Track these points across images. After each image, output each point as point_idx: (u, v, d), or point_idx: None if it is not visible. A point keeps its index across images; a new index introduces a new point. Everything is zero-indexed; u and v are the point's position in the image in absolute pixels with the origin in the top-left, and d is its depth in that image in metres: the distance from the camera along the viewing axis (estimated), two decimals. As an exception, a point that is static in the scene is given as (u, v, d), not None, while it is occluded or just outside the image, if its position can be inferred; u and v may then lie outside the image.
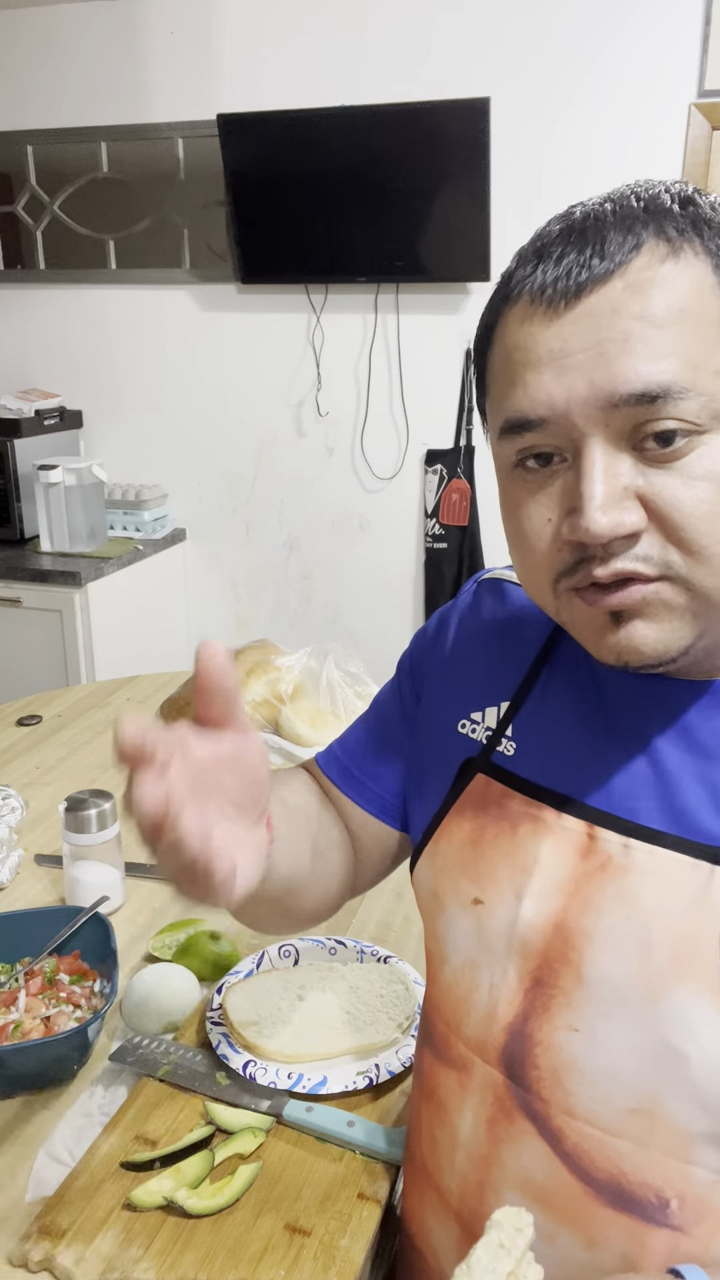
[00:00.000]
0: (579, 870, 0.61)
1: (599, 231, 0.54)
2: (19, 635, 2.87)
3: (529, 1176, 0.64)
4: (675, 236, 0.53)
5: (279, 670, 1.61)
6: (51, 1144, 0.86)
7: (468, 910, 0.67)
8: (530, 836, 0.64)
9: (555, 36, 2.57)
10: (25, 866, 1.29)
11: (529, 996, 0.63)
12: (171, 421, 3.21)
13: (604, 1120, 0.60)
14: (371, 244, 2.78)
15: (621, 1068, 0.59)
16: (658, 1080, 0.58)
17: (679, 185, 0.56)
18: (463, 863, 0.68)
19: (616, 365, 0.52)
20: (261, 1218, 0.79)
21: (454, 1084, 0.69)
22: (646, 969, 0.58)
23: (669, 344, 0.52)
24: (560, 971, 0.61)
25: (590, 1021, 0.60)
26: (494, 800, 0.67)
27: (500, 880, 0.65)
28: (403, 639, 3.71)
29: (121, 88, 2.96)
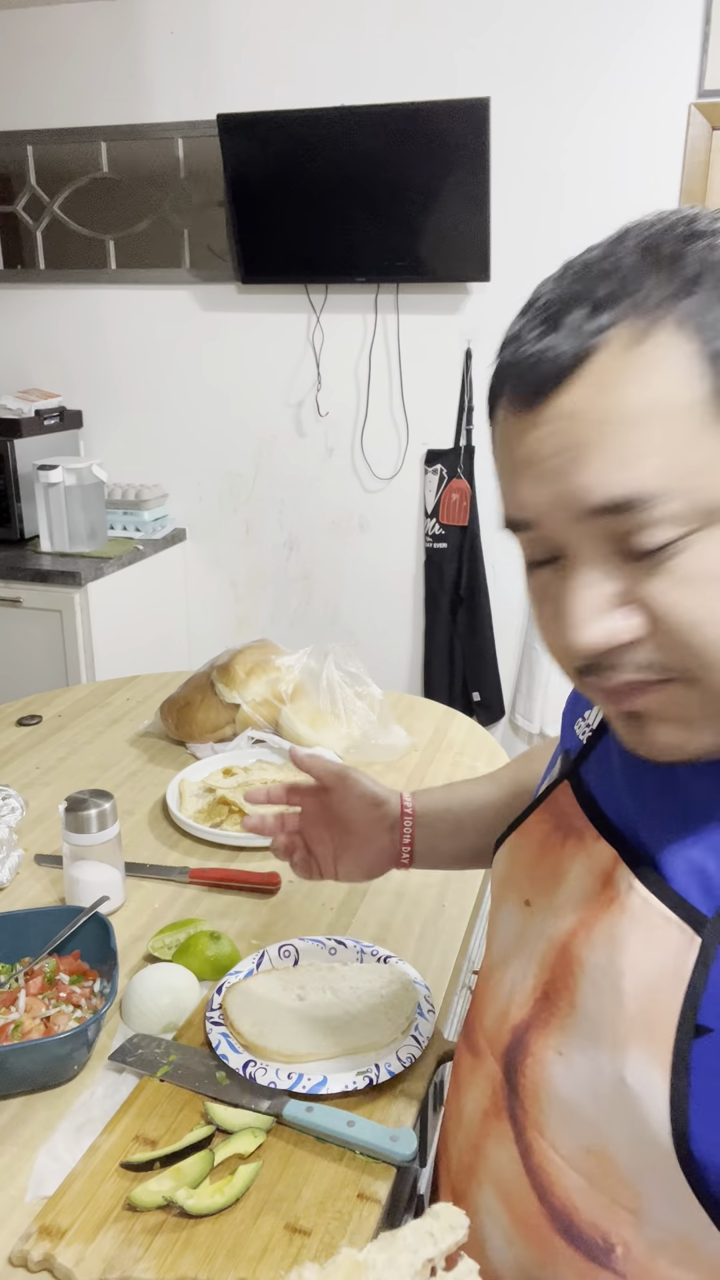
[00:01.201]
0: (594, 898, 0.60)
1: (570, 307, 0.49)
2: (19, 635, 2.87)
3: (502, 1178, 0.65)
4: (653, 308, 0.48)
5: (279, 670, 1.61)
6: (51, 1144, 0.86)
7: (519, 908, 0.68)
8: (573, 852, 0.64)
9: (555, 37, 2.57)
10: (25, 866, 1.29)
11: (537, 1006, 0.64)
12: (171, 421, 3.22)
13: (565, 1149, 0.60)
14: (371, 244, 2.78)
15: (584, 1105, 0.58)
16: (612, 1129, 0.57)
17: (685, 226, 0.50)
18: (529, 862, 0.69)
19: (585, 475, 0.49)
20: (261, 1218, 0.79)
21: (469, 1066, 0.72)
22: (615, 1019, 0.56)
23: (643, 444, 0.47)
24: (561, 993, 0.61)
25: (571, 1051, 0.60)
26: (564, 809, 0.67)
27: (546, 889, 0.65)
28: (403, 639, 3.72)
29: (121, 87, 2.96)
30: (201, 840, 1.35)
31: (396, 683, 3.20)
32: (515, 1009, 0.65)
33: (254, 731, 1.58)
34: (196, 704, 1.60)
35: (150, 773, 1.56)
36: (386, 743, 1.57)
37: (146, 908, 1.21)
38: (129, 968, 1.08)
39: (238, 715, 1.59)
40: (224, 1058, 0.92)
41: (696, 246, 0.49)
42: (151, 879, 1.26)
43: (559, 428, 0.49)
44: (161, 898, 1.23)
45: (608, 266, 0.50)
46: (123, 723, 1.73)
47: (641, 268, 0.49)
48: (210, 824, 1.36)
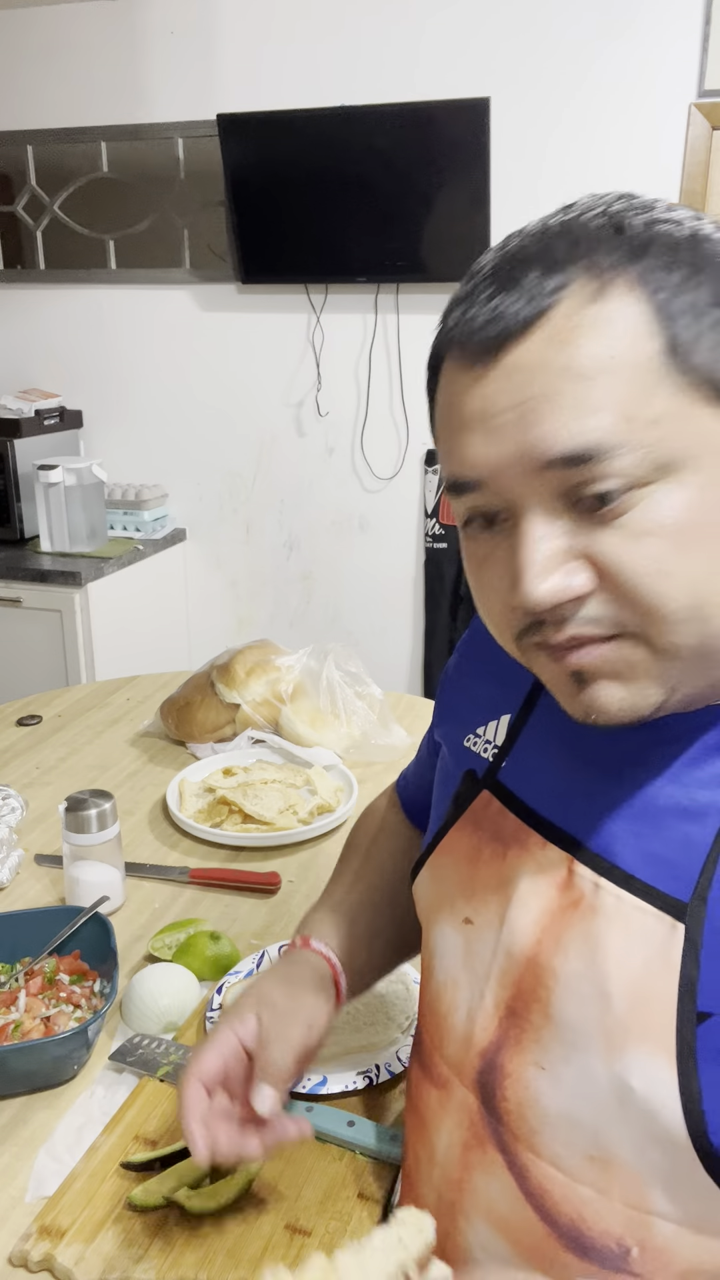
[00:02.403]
0: (555, 904, 0.59)
1: (524, 269, 0.50)
2: (19, 635, 2.87)
3: (496, 1208, 0.62)
4: (606, 269, 0.49)
5: (279, 670, 1.61)
6: (51, 1144, 0.86)
7: (458, 928, 0.66)
8: (517, 861, 0.62)
9: (555, 37, 2.57)
10: (25, 866, 1.29)
11: (503, 1025, 0.61)
12: (171, 421, 3.22)
13: (566, 1164, 0.58)
14: (371, 244, 2.78)
15: (581, 1115, 0.57)
16: (615, 1132, 0.55)
17: (623, 203, 0.52)
18: (459, 879, 0.66)
19: (542, 427, 0.49)
20: (261, 1218, 0.79)
21: (434, 1101, 0.68)
22: (605, 1021, 0.55)
23: (599, 397, 0.48)
24: (532, 1006, 0.59)
25: (555, 1063, 0.58)
26: (492, 818, 0.65)
27: (490, 903, 0.63)
28: (403, 639, 3.72)
29: (121, 88, 2.96)
30: (201, 840, 1.36)
31: (396, 683, 3.20)
32: (479, 1032, 0.63)
33: (254, 731, 1.58)
34: (196, 704, 1.60)
35: (150, 773, 1.56)
36: (386, 743, 1.57)
37: (146, 908, 1.21)
38: (129, 968, 1.08)
39: (238, 715, 1.59)
40: (224, 1058, 0.92)
41: (645, 218, 0.51)
42: (151, 879, 1.27)
43: (514, 382, 0.50)
44: (161, 898, 1.23)
45: (559, 230, 0.51)
46: (123, 723, 1.73)
47: (596, 234, 0.50)
48: (210, 824, 1.36)
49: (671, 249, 0.49)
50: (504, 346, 0.50)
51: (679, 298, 0.49)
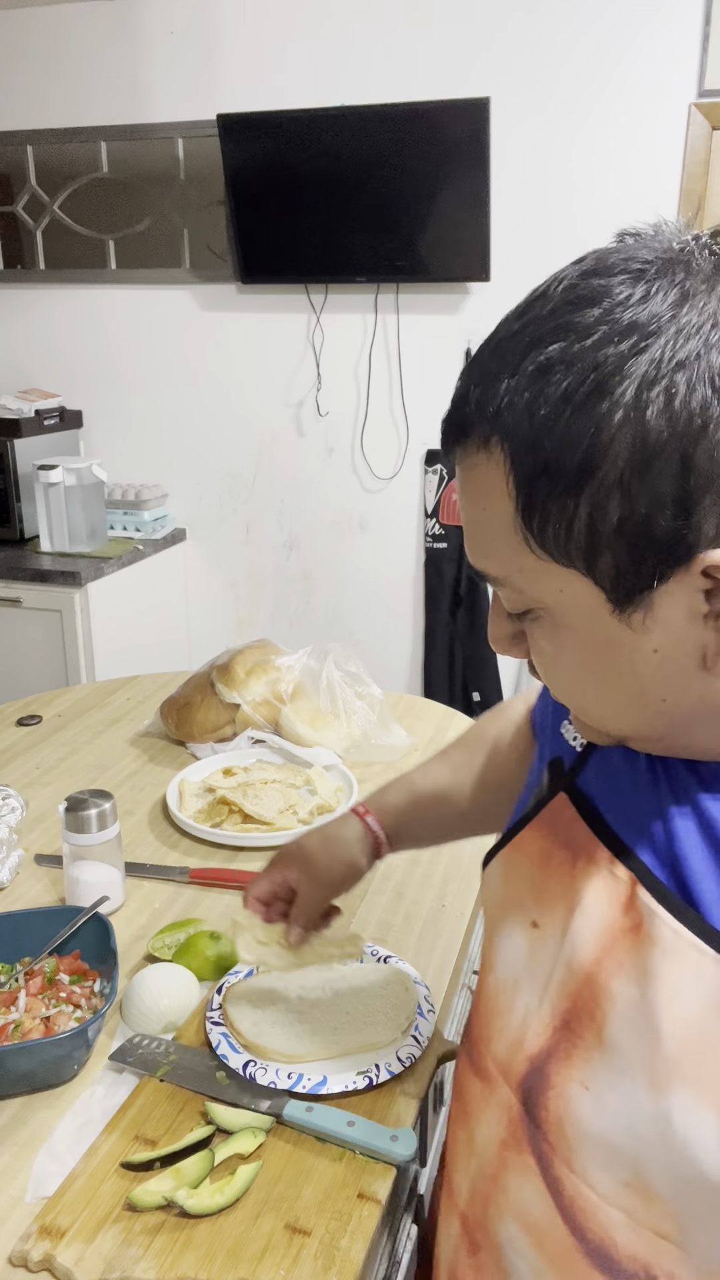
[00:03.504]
0: (617, 925, 0.58)
1: (462, 384, 0.54)
2: (19, 635, 2.87)
3: (527, 1211, 0.63)
4: (490, 419, 0.51)
5: (279, 670, 1.61)
6: (51, 1144, 0.86)
7: (525, 930, 0.66)
8: (584, 873, 0.61)
9: (555, 36, 2.57)
10: (25, 866, 1.29)
11: (556, 1037, 0.61)
12: (171, 421, 3.22)
13: (600, 1186, 0.58)
14: (371, 244, 2.78)
15: (621, 1143, 0.56)
16: (655, 1165, 0.55)
17: (533, 332, 0.50)
18: (529, 881, 0.66)
19: (467, 542, 0.57)
20: (261, 1218, 0.79)
21: (477, 1092, 0.69)
22: (654, 1058, 0.54)
23: (487, 541, 0.54)
24: (586, 1025, 0.59)
25: (600, 1086, 0.57)
26: (566, 824, 0.64)
27: (556, 910, 0.63)
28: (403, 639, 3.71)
29: (121, 88, 2.96)
30: (201, 840, 1.35)
31: (396, 683, 3.20)
32: (532, 1038, 0.63)
33: (254, 731, 1.58)
34: (196, 704, 1.60)
35: (150, 773, 1.56)
36: (386, 743, 1.57)
37: (146, 908, 1.21)
38: (129, 968, 1.08)
39: (238, 715, 1.59)
40: (224, 1058, 0.92)
41: (537, 362, 0.49)
42: (151, 879, 1.26)
43: (459, 488, 0.57)
44: (161, 898, 1.23)
45: (494, 356, 0.52)
46: (123, 723, 1.73)
47: (495, 375, 0.51)
48: (210, 824, 1.36)
49: (529, 414, 0.49)
50: (450, 452, 0.56)
51: (533, 471, 0.50)
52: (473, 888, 1.23)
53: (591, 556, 0.50)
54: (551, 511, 0.50)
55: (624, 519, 0.48)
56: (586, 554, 0.50)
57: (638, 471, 0.47)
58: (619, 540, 0.49)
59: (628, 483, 0.47)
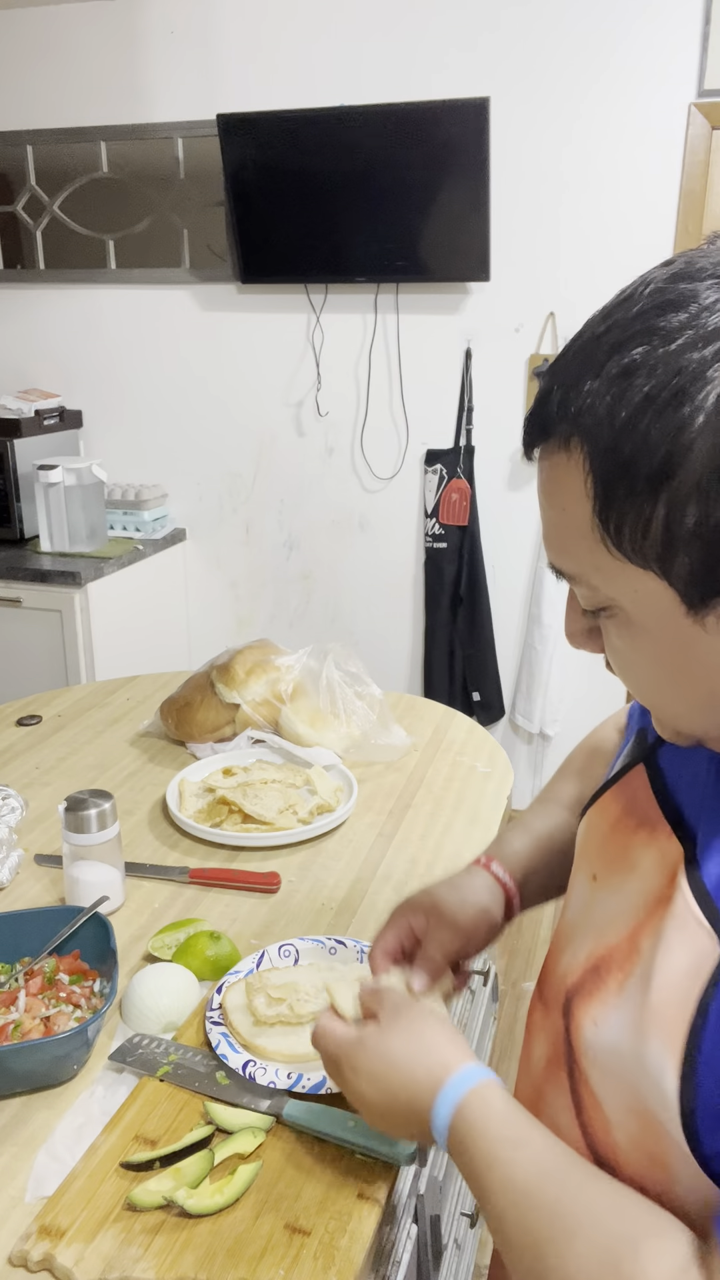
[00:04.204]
0: (659, 893, 0.61)
1: (546, 385, 0.55)
2: (19, 635, 2.87)
3: (558, 1121, 0.68)
4: (573, 419, 0.52)
5: (279, 670, 1.61)
6: (51, 1144, 0.86)
7: (587, 882, 0.71)
8: (644, 842, 0.65)
9: (555, 37, 2.58)
10: (25, 866, 1.29)
11: (585, 976, 0.66)
12: (171, 421, 3.22)
13: (609, 1108, 0.63)
14: (371, 244, 2.78)
15: (621, 1075, 0.61)
16: (647, 1105, 0.59)
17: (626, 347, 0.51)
18: (599, 839, 0.71)
19: (545, 539, 0.59)
20: (261, 1218, 0.79)
21: (540, 1015, 0.75)
22: (643, 1006, 0.58)
23: (563, 539, 0.56)
24: (614, 974, 0.63)
25: (605, 1025, 0.62)
26: (636, 793, 0.68)
27: (615, 869, 0.67)
28: (402, 639, 3.71)
29: (121, 88, 2.96)
30: (201, 840, 1.36)
31: (396, 683, 3.20)
32: (572, 976, 0.68)
33: (254, 731, 1.58)
34: (196, 704, 1.60)
35: (150, 773, 1.56)
36: (386, 743, 1.57)
37: (146, 908, 1.21)
38: (129, 968, 1.08)
39: (238, 715, 1.59)
40: (224, 1058, 0.92)
41: (620, 365, 0.51)
42: (151, 879, 1.26)
43: (539, 485, 0.59)
44: (161, 898, 1.23)
45: (579, 357, 0.54)
46: (123, 723, 1.73)
47: (578, 376, 0.53)
48: (210, 824, 1.36)
49: (610, 416, 0.51)
50: (531, 453, 0.58)
51: (612, 472, 0.51)
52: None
53: (667, 559, 0.51)
54: (629, 513, 0.51)
55: (700, 523, 0.49)
56: (662, 556, 0.51)
57: (716, 476, 0.48)
58: (695, 543, 0.50)
59: (705, 487, 0.48)
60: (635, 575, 0.53)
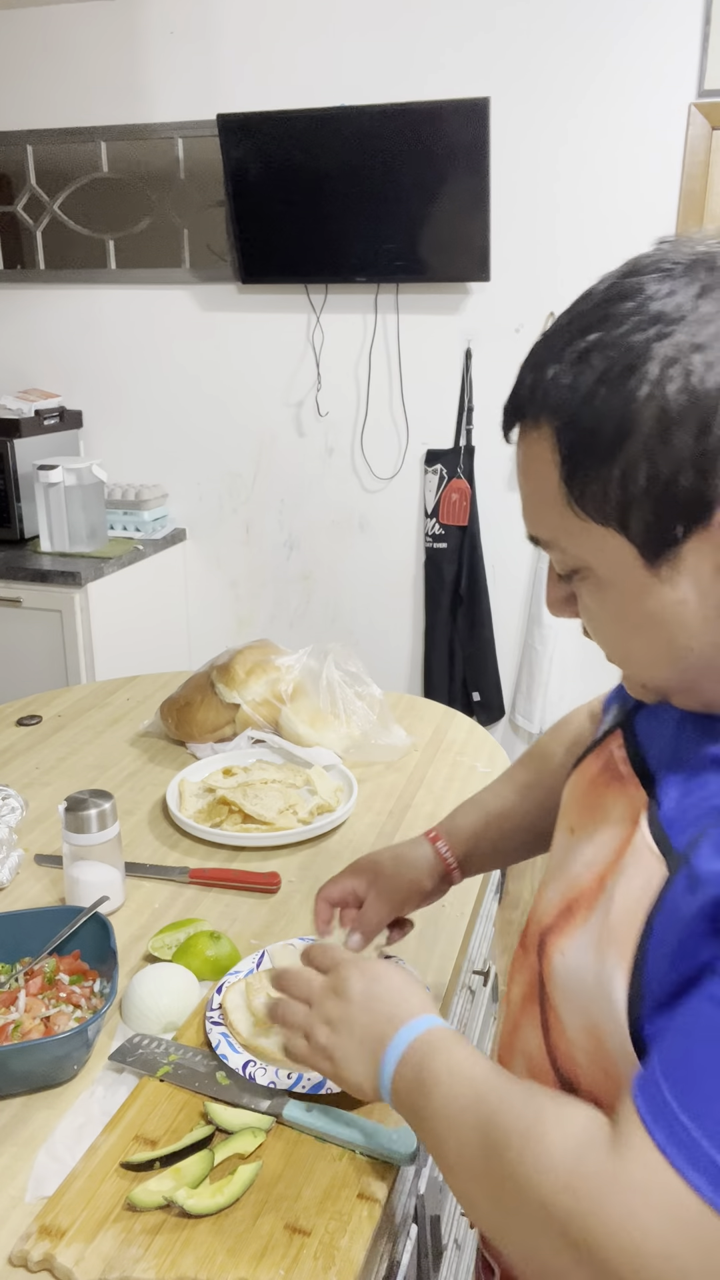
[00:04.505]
0: (625, 838, 0.67)
1: (518, 383, 0.63)
2: (19, 635, 2.87)
3: (530, 1051, 0.76)
4: (540, 401, 0.60)
5: (279, 670, 1.61)
6: (51, 1144, 0.86)
7: (565, 833, 0.77)
8: (616, 794, 0.72)
9: (555, 36, 2.58)
10: (25, 866, 1.29)
11: (558, 917, 0.73)
12: (171, 421, 3.22)
13: (571, 1029, 0.70)
14: (371, 244, 2.78)
15: (580, 996, 0.68)
16: (599, 1019, 0.65)
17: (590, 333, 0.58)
18: (579, 796, 0.78)
19: (523, 512, 0.66)
20: (261, 1218, 0.79)
21: (519, 959, 0.81)
22: (602, 928, 0.65)
23: (537, 508, 0.64)
24: (583, 912, 0.69)
25: (570, 951, 0.70)
26: (613, 753, 0.75)
27: (589, 820, 0.74)
28: (403, 639, 3.70)
29: (121, 88, 2.96)
30: (201, 840, 1.36)
31: (396, 683, 3.20)
32: (546, 917, 0.75)
33: (254, 731, 1.58)
34: (196, 704, 1.60)
35: (150, 773, 1.56)
36: (386, 743, 1.57)
37: (146, 908, 1.21)
38: (129, 968, 1.08)
39: (238, 715, 1.59)
40: (224, 1058, 0.92)
41: (577, 349, 0.59)
42: (151, 879, 1.27)
43: (516, 464, 0.66)
44: (161, 898, 1.23)
45: (545, 347, 0.62)
46: (123, 723, 1.73)
47: (546, 360, 0.61)
48: (210, 824, 1.36)
49: (572, 393, 0.58)
50: (509, 436, 0.65)
51: (574, 442, 0.59)
52: (472, 888, 1.23)
53: (624, 516, 0.58)
54: (591, 477, 0.58)
55: (651, 481, 0.56)
56: (620, 514, 0.58)
57: (661, 439, 0.55)
58: (647, 500, 0.57)
59: (653, 449, 0.55)
60: (599, 534, 0.60)
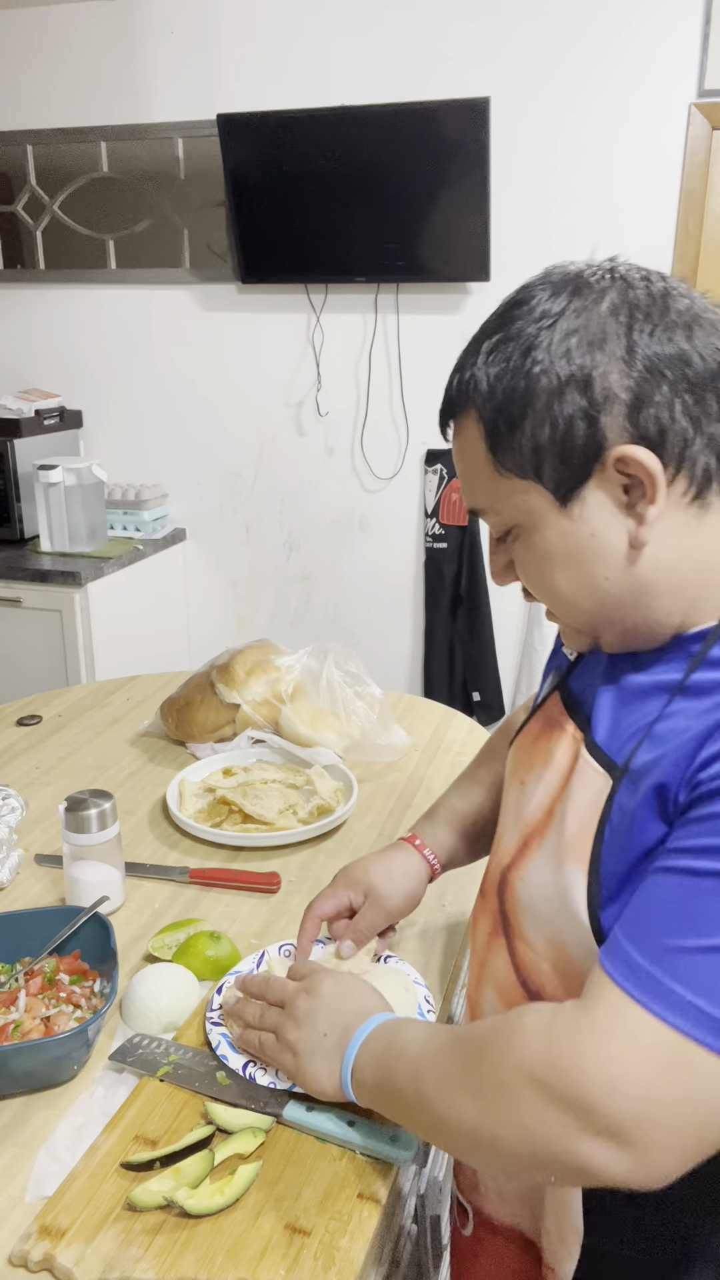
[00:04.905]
0: (568, 768, 0.78)
1: (448, 384, 0.77)
2: (19, 635, 2.87)
3: (498, 978, 0.85)
4: (469, 393, 0.74)
5: (279, 670, 1.61)
6: (51, 1144, 0.86)
7: (516, 788, 0.87)
8: (558, 740, 0.82)
9: (555, 36, 2.58)
10: (25, 866, 1.29)
11: (518, 852, 0.83)
12: (171, 421, 3.22)
13: (536, 945, 0.80)
14: (371, 244, 2.78)
15: (542, 910, 0.78)
16: (563, 925, 0.75)
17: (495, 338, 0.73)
18: (525, 751, 0.87)
19: (463, 491, 0.79)
20: (261, 1218, 0.79)
21: (480, 907, 0.90)
22: (560, 842, 0.76)
23: (473, 481, 0.77)
24: (537, 840, 0.80)
25: (531, 874, 0.80)
26: (551, 710, 0.85)
27: (536, 768, 0.84)
28: (403, 639, 3.70)
29: (121, 87, 2.96)
30: (201, 840, 1.36)
31: (396, 683, 3.20)
32: (504, 857, 0.85)
33: (254, 731, 1.58)
34: (196, 704, 1.60)
35: (150, 773, 1.56)
36: (386, 743, 1.57)
37: (146, 908, 1.21)
38: (129, 968, 1.08)
39: (238, 715, 1.59)
40: (224, 1058, 0.92)
41: (476, 368, 0.74)
42: (151, 879, 1.27)
43: (454, 451, 0.79)
44: (161, 898, 1.23)
45: (467, 352, 0.76)
46: (123, 723, 1.73)
47: (466, 361, 0.75)
48: (210, 824, 1.36)
49: (487, 380, 0.72)
50: (446, 428, 0.79)
51: (493, 417, 0.73)
52: (472, 888, 1.23)
53: (539, 467, 0.71)
54: (508, 441, 0.72)
55: (553, 434, 0.70)
56: (535, 466, 0.71)
57: (557, 399, 0.69)
58: (553, 450, 0.70)
59: (552, 410, 0.70)
60: (521, 488, 0.73)
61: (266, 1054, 0.88)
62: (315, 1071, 0.83)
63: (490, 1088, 0.68)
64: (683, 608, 0.72)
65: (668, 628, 0.73)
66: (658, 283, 0.71)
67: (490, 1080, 0.68)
